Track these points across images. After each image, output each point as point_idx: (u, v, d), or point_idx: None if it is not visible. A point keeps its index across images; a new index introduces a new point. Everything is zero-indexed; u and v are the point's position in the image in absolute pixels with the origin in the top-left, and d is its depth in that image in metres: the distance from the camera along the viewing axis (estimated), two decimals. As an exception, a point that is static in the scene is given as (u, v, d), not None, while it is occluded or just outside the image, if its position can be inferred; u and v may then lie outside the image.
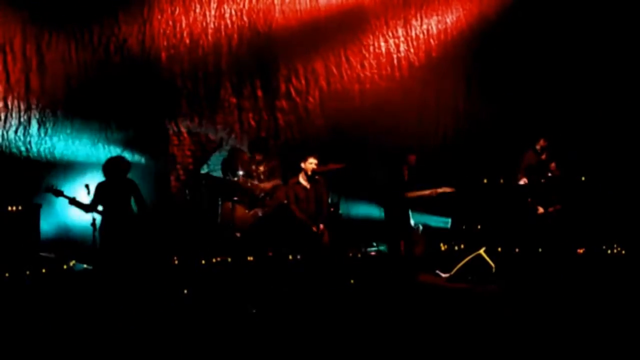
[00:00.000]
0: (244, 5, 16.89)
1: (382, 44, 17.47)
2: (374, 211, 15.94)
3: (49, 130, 16.15)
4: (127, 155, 15.92)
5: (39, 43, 16.13)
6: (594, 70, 17.12)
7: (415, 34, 17.54)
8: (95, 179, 15.07)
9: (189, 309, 11.63)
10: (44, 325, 10.72)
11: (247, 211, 15.41)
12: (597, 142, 16.79)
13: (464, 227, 16.51)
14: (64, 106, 16.19)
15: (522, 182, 15.37)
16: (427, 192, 14.26)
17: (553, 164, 14.99)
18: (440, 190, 14.29)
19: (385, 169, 14.74)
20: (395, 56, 17.51)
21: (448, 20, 17.57)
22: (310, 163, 13.39)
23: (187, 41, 16.71)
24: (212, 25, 16.80)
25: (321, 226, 13.65)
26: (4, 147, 15.88)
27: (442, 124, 17.71)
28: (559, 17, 17.11)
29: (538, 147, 15.18)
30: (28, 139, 16.04)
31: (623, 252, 15.73)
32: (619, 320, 10.75)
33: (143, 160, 16.47)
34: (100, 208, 13.15)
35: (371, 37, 17.43)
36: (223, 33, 16.87)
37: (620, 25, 17.08)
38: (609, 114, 17.05)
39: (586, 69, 17.13)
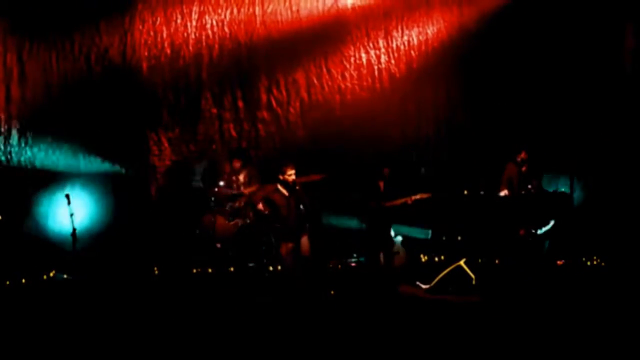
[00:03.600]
0: (225, 16, 16.89)
1: (363, 55, 17.49)
2: (354, 222, 15.98)
3: (30, 140, 16.10)
4: (108, 165, 16.01)
5: (20, 53, 16.11)
6: (575, 80, 17.20)
7: (396, 45, 17.57)
8: (75, 188, 15.15)
9: (169, 318, 11.61)
10: (24, 335, 10.68)
11: (227, 222, 15.42)
12: (578, 153, 16.87)
13: (444, 238, 16.56)
14: (45, 116, 16.15)
15: (503, 193, 15.39)
16: (403, 200, 14.31)
17: (534, 182, 14.98)
18: (416, 197, 14.34)
19: (362, 182, 14.79)
20: (376, 67, 17.53)
21: (429, 32, 17.60)
22: (290, 175, 13.38)
23: (168, 52, 16.69)
24: (193, 36, 16.79)
25: (305, 238, 13.67)
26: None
27: (423, 134, 17.73)
28: (540, 29, 17.19)
29: (519, 159, 15.20)
30: (8, 149, 15.99)
31: (602, 263, 15.80)
32: (599, 331, 10.79)
33: (124, 170, 16.42)
34: None
35: (352, 48, 17.43)
36: (204, 44, 16.86)
37: (601, 35, 17.19)
38: (589, 124, 17.14)
39: (567, 79, 17.20)
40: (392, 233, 14.79)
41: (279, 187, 13.52)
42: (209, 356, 9.92)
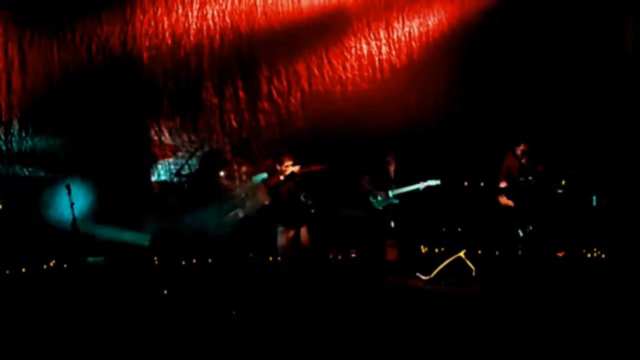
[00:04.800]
0: (226, 7, 16.91)
1: (364, 46, 17.51)
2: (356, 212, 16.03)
3: (31, 130, 16.12)
4: (109, 155, 16.04)
5: (21, 43, 16.13)
6: (576, 72, 17.20)
7: (397, 36, 17.59)
8: (75, 179, 15.15)
9: (169, 309, 11.63)
10: (23, 325, 10.70)
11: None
12: (577, 145, 16.85)
13: (444, 229, 16.57)
14: (46, 106, 16.17)
15: (502, 185, 15.39)
16: (414, 187, 14.47)
17: (541, 167, 14.97)
18: (426, 183, 14.53)
19: (371, 169, 14.95)
20: (377, 58, 17.55)
21: (430, 23, 17.62)
22: (287, 165, 13.37)
23: (169, 42, 16.72)
24: (194, 26, 16.82)
25: (304, 228, 13.68)
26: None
27: (423, 125, 17.72)
28: (540, 20, 17.19)
29: (518, 151, 15.19)
30: (9, 138, 16.02)
31: (603, 255, 15.80)
32: (599, 322, 10.80)
33: (125, 160, 16.45)
34: None
35: (353, 39, 17.46)
36: (205, 34, 16.89)
37: (601, 26, 17.20)
38: (588, 117, 17.14)
39: (568, 70, 17.21)
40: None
41: (281, 179, 13.52)
42: (208, 346, 9.94)
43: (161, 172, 16.73)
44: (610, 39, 17.26)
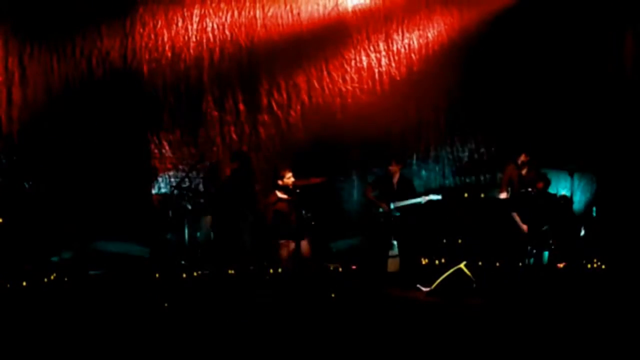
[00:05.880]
0: (226, 19, 16.93)
1: (364, 58, 17.53)
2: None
3: (31, 143, 16.12)
4: (108, 168, 16.04)
5: (22, 56, 16.14)
6: (576, 84, 17.22)
7: (397, 48, 17.62)
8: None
9: (170, 323, 11.61)
10: (23, 339, 10.68)
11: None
12: (578, 156, 16.86)
13: (444, 241, 16.57)
14: (46, 119, 16.17)
15: (503, 195, 15.40)
16: (415, 200, 14.51)
17: (540, 184, 14.94)
18: (428, 198, 14.57)
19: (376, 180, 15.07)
20: (376, 70, 17.57)
21: (429, 35, 17.66)
22: (288, 178, 13.38)
23: (169, 55, 16.74)
24: (194, 39, 16.84)
25: (305, 241, 13.66)
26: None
27: (423, 137, 17.74)
28: (540, 33, 17.21)
29: (519, 161, 15.21)
30: (10, 151, 16.03)
31: (603, 266, 15.79)
32: (599, 334, 10.78)
33: (125, 172, 16.46)
34: None
35: (353, 51, 17.48)
36: (205, 47, 16.91)
37: (601, 39, 17.25)
38: (590, 127, 17.16)
39: (568, 82, 17.23)
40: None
41: (279, 195, 13.52)
42: (209, 358, 9.93)
43: (161, 185, 16.75)
44: (610, 54, 17.30)
